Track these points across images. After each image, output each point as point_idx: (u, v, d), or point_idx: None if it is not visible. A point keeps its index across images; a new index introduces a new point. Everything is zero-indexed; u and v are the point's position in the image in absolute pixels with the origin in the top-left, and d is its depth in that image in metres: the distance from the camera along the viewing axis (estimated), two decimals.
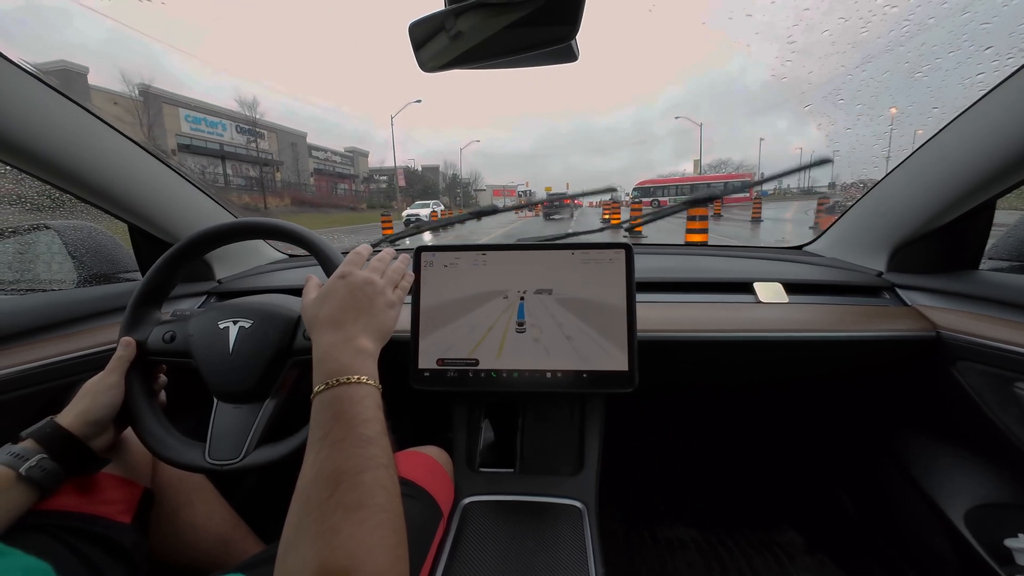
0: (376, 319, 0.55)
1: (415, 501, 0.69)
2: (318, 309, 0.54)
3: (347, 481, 0.39)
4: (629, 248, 0.77)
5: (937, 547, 0.86)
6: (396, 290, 0.61)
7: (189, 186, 1.01)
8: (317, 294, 0.56)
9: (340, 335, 0.51)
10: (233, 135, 31.38)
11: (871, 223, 1.05)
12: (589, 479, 0.83)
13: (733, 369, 1.06)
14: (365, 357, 0.51)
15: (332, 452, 0.41)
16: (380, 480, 0.41)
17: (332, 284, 0.56)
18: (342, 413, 0.44)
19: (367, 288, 0.56)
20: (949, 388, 0.83)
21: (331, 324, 0.52)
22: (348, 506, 0.38)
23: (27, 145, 0.73)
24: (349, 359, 0.49)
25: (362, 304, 0.54)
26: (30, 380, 0.73)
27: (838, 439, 1.23)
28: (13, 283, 1.06)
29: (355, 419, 0.44)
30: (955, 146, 0.81)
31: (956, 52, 0.89)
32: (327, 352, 0.49)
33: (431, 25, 0.50)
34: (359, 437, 0.43)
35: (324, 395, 0.46)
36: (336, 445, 0.42)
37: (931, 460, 0.91)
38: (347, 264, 0.58)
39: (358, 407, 0.45)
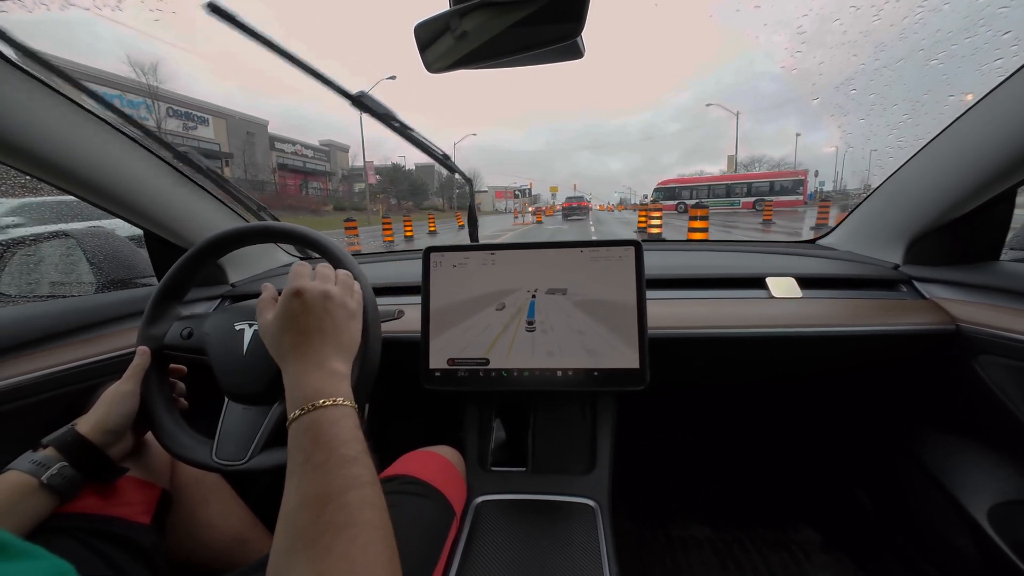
0: (342, 336, 0.54)
1: (428, 501, 0.70)
2: (280, 337, 0.52)
3: (334, 502, 0.39)
4: (639, 245, 0.77)
5: (959, 545, 0.84)
6: (353, 297, 0.59)
7: (202, 192, 1.03)
8: (274, 316, 0.53)
9: (310, 360, 0.49)
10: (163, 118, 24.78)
11: (886, 215, 1.02)
12: (602, 478, 0.83)
13: (746, 366, 1.04)
14: (338, 379, 0.49)
15: (315, 475, 0.41)
16: (367, 498, 0.41)
17: (289, 305, 0.52)
18: (320, 436, 0.43)
19: (327, 303, 0.53)
20: (970, 382, 0.81)
21: (297, 351, 0.50)
22: (338, 526, 0.37)
23: (47, 155, 0.74)
24: (322, 383, 0.48)
25: (325, 323, 0.52)
26: (52, 384, 0.75)
27: (854, 435, 1.21)
28: (35, 289, 1.08)
29: (334, 440, 0.43)
30: (973, 134, 0.79)
31: (973, 38, 0.86)
32: (299, 379, 0.48)
33: (436, 26, 0.50)
34: (341, 458, 0.42)
35: (301, 420, 0.45)
36: (319, 468, 0.41)
37: (952, 456, 0.89)
38: (296, 279, 0.54)
39: (336, 428, 0.44)
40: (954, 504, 0.84)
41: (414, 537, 0.64)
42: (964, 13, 0.88)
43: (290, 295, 0.52)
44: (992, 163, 0.77)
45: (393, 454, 0.80)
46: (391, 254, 1.37)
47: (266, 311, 0.56)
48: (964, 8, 0.88)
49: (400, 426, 1.27)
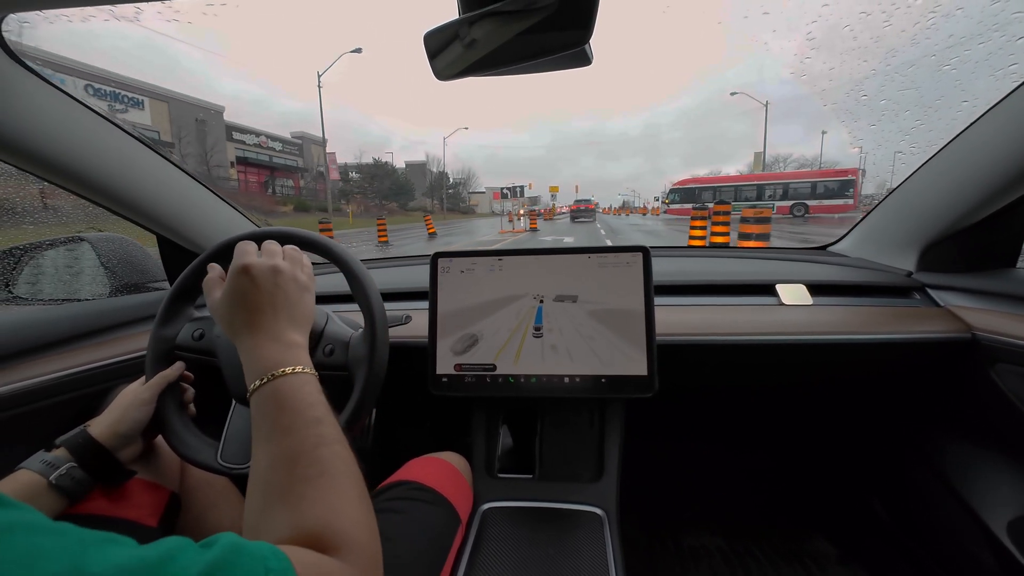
0: (296, 309, 0.52)
1: (434, 507, 0.69)
2: (232, 315, 0.50)
3: (304, 458, 0.39)
4: (646, 251, 0.76)
5: (979, 559, 0.82)
6: (303, 270, 0.57)
7: (214, 197, 1.04)
8: (223, 294, 0.52)
9: (265, 335, 0.48)
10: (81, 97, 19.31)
11: (899, 221, 1.01)
12: (609, 485, 0.82)
13: (756, 373, 1.03)
14: (296, 350, 0.49)
15: (284, 437, 0.41)
16: (337, 453, 0.41)
17: (236, 282, 0.50)
18: (285, 401, 0.43)
19: (277, 278, 0.52)
20: (987, 392, 0.79)
21: (250, 326, 0.49)
22: (309, 477, 0.38)
23: (64, 161, 0.76)
24: (280, 354, 0.47)
25: (276, 298, 0.51)
26: (67, 387, 0.76)
27: (869, 444, 1.18)
28: (51, 293, 1.10)
29: (300, 404, 0.43)
30: (988, 139, 0.78)
31: (986, 43, 0.86)
32: (256, 353, 0.47)
33: (445, 35, 0.50)
34: (307, 419, 0.42)
35: (263, 390, 0.44)
36: (287, 430, 0.41)
37: (970, 467, 0.87)
38: (242, 256, 0.52)
39: (300, 393, 0.44)
40: (973, 516, 0.82)
41: (419, 543, 0.63)
42: (977, 18, 0.88)
43: (237, 272, 0.51)
44: (1008, 168, 0.75)
45: (399, 460, 0.80)
46: (399, 259, 1.38)
47: (214, 290, 0.54)
48: (977, 13, 0.88)
49: (407, 432, 1.27)
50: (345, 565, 0.34)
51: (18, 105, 0.67)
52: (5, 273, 0.99)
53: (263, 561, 0.27)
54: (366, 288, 0.67)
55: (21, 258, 1.03)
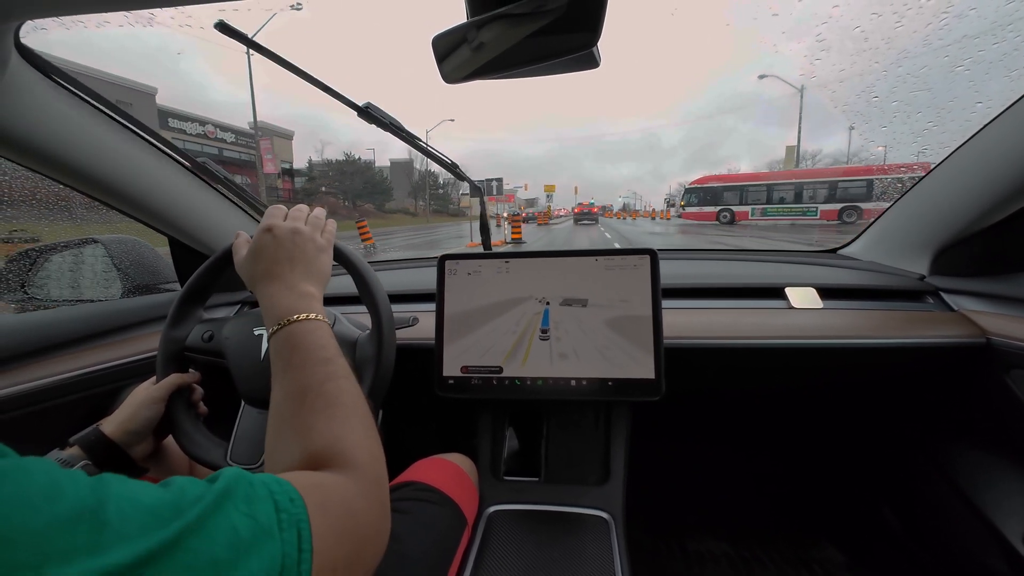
0: (312, 265, 0.56)
1: (440, 508, 0.70)
2: (253, 266, 0.55)
3: (312, 392, 0.42)
4: (654, 253, 0.76)
5: (993, 569, 0.80)
6: (323, 235, 0.62)
7: (225, 201, 1.05)
8: (248, 251, 0.57)
9: (282, 284, 0.52)
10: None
11: (911, 224, 1.00)
12: (616, 489, 0.82)
13: (765, 377, 1.02)
14: (310, 299, 0.52)
15: (296, 373, 0.44)
16: (343, 387, 0.44)
17: (260, 239, 0.56)
18: (298, 344, 0.46)
19: (296, 237, 0.56)
20: (1002, 398, 0.78)
21: (270, 277, 0.53)
22: (317, 408, 0.41)
23: (79, 164, 0.78)
24: (295, 302, 0.50)
25: (294, 254, 0.55)
26: (80, 386, 0.77)
27: (880, 450, 1.17)
28: (65, 294, 1.12)
29: (311, 346, 0.46)
30: (1003, 140, 0.77)
31: (1001, 43, 0.84)
32: (273, 300, 0.51)
33: (453, 38, 0.51)
34: (317, 359, 0.45)
35: (279, 335, 0.48)
36: (298, 368, 0.44)
37: (984, 474, 0.85)
38: (269, 218, 0.58)
39: (312, 337, 0.47)
40: (987, 525, 0.80)
41: (426, 544, 0.63)
42: (991, 18, 0.86)
43: (262, 231, 0.56)
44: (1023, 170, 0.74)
45: (406, 461, 0.80)
46: (406, 262, 1.39)
47: (241, 250, 0.59)
48: (991, 13, 0.86)
49: (413, 433, 1.27)
50: (346, 480, 0.36)
51: (35, 109, 0.69)
52: (22, 274, 1.00)
53: (266, 486, 0.29)
54: (373, 290, 0.68)
55: (37, 259, 1.05)
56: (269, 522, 0.27)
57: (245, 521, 0.26)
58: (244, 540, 0.25)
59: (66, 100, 0.73)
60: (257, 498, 0.28)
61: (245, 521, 0.26)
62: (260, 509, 0.27)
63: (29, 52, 0.65)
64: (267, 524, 0.27)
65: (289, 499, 0.29)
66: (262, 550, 0.25)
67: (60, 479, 0.23)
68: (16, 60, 0.64)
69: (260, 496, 0.28)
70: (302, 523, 0.28)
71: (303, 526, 0.28)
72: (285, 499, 0.29)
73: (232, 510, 0.26)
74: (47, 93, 0.70)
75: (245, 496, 0.27)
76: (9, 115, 0.66)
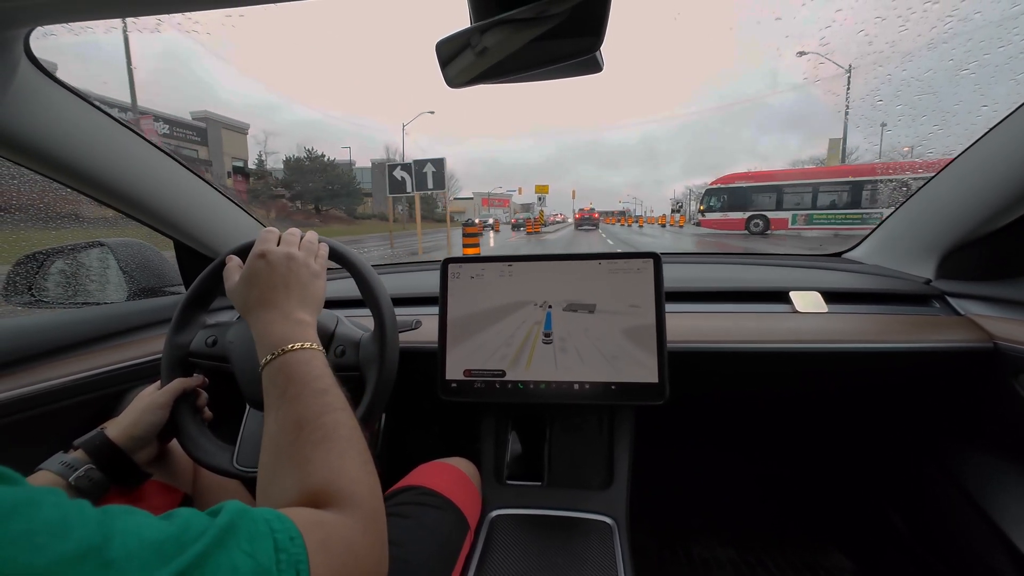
0: (306, 291, 0.55)
1: (443, 513, 0.69)
2: (247, 293, 0.54)
3: (309, 424, 0.42)
4: (657, 257, 0.76)
5: (1002, 574, 0.79)
6: (317, 260, 0.61)
7: (229, 204, 1.06)
8: (240, 277, 0.56)
9: (276, 312, 0.51)
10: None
11: (917, 228, 0.99)
12: (619, 493, 0.81)
13: (770, 381, 1.02)
14: (305, 327, 0.52)
15: (292, 405, 0.44)
16: (340, 420, 0.44)
17: (254, 265, 0.55)
18: (293, 374, 0.46)
19: (290, 263, 0.55)
20: (1010, 403, 0.77)
21: (264, 304, 0.52)
22: (315, 442, 0.41)
23: (86, 168, 0.78)
24: (290, 331, 0.50)
25: (289, 280, 0.54)
26: (85, 388, 0.78)
27: (887, 455, 1.16)
28: (71, 296, 1.13)
29: (307, 376, 0.46)
30: (1009, 143, 0.76)
31: (1007, 46, 0.84)
32: (267, 328, 0.50)
33: (457, 43, 0.51)
34: (314, 390, 0.45)
35: (273, 364, 0.47)
36: (294, 399, 0.44)
37: (992, 479, 0.84)
38: (261, 243, 0.57)
39: (307, 367, 0.47)
40: (996, 531, 0.79)
41: (429, 548, 0.63)
42: (997, 21, 0.86)
43: (255, 257, 0.55)
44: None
45: (408, 465, 0.80)
46: (409, 264, 1.39)
47: (233, 275, 0.58)
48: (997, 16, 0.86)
49: (416, 437, 1.27)
50: (346, 518, 0.36)
51: (44, 115, 0.69)
52: (29, 277, 1.01)
53: (267, 523, 0.29)
54: (376, 291, 0.68)
55: (44, 262, 1.05)
56: (268, 563, 0.27)
57: (246, 560, 0.26)
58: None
59: (74, 105, 0.73)
60: (258, 535, 0.28)
61: (246, 560, 0.26)
62: (260, 548, 0.27)
63: (38, 59, 0.66)
64: (267, 564, 0.27)
65: (289, 538, 0.29)
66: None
67: (68, 514, 0.23)
68: (25, 65, 0.64)
69: (261, 533, 0.28)
70: (301, 564, 0.29)
71: (302, 567, 0.29)
72: (285, 538, 0.29)
73: (234, 548, 0.26)
74: (56, 98, 0.71)
75: (247, 533, 0.27)
76: (19, 120, 0.67)
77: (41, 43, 0.65)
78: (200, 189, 0.99)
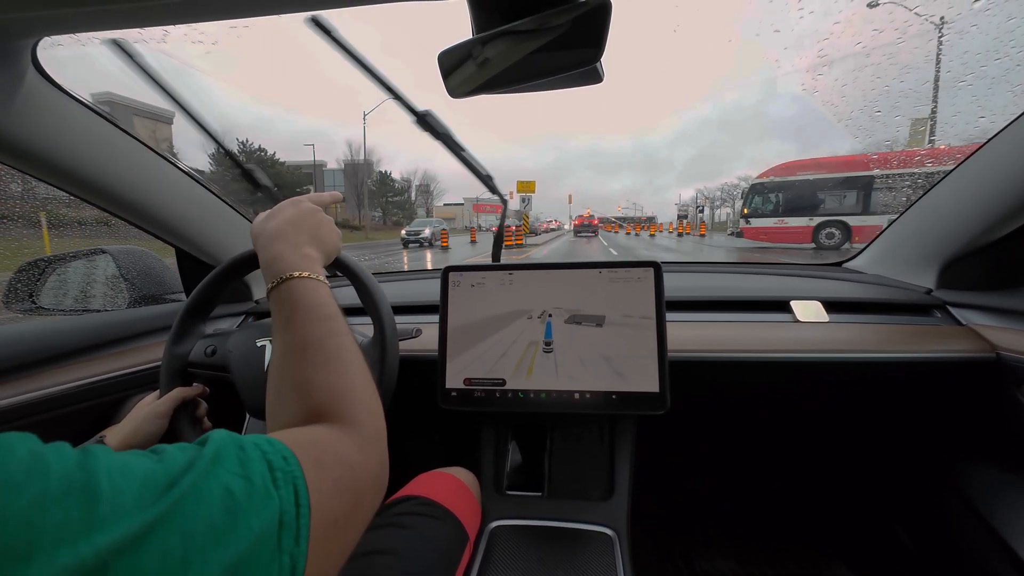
0: (321, 235, 0.57)
1: (442, 523, 0.69)
2: (264, 223, 0.55)
3: (312, 347, 0.42)
4: (658, 266, 0.76)
5: None
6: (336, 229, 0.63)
7: (233, 212, 1.07)
8: (267, 213, 0.58)
9: (287, 243, 0.52)
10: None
11: (918, 237, 0.99)
12: (620, 505, 0.80)
13: (771, 391, 1.01)
14: (312, 261, 0.52)
15: (297, 328, 0.44)
16: (343, 344, 0.44)
17: (282, 205, 0.57)
18: (300, 300, 0.46)
19: (316, 214, 0.58)
20: (1014, 413, 0.77)
21: (277, 235, 0.53)
22: (317, 364, 0.41)
23: (90, 176, 0.79)
24: (297, 260, 0.50)
25: (308, 222, 0.56)
26: (86, 395, 0.77)
27: (890, 467, 1.14)
28: (72, 304, 1.13)
29: (313, 303, 0.46)
30: (1009, 152, 0.77)
31: (1003, 59, 0.85)
32: (275, 256, 0.51)
33: (459, 54, 0.51)
34: (319, 315, 0.45)
35: (280, 289, 0.48)
36: (299, 323, 0.44)
37: (998, 492, 0.83)
38: (299, 198, 0.60)
39: (313, 294, 0.47)
40: (1002, 545, 0.78)
41: (427, 559, 0.62)
42: (993, 34, 0.87)
43: (288, 202, 0.58)
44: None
45: (408, 474, 0.79)
46: (410, 273, 1.39)
47: (260, 215, 0.59)
48: (993, 30, 0.87)
49: (415, 445, 1.26)
50: (342, 434, 0.36)
51: (50, 123, 0.70)
52: (30, 284, 1.01)
53: (257, 447, 0.29)
54: (376, 297, 0.68)
55: (45, 269, 1.06)
56: (264, 481, 0.27)
57: (239, 482, 0.25)
58: (240, 501, 0.25)
59: (79, 113, 0.74)
60: (249, 459, 0.27)
61: (239, 482, 0.25)
62: (253, 469, 0.27)
63: (44, 68, 0.67)
64: (261, 483, 0.26)
65: (282, 457, 0.29)
66: (259, 508, 0.25)
67: (45, 453, 0.21)
68: (32, 74, 0.65)
69: (252, 457, 0.27)
70: (298, 480, 0.28)
71: (299, 483, 0.28)
72: (278, 458, 0.29)
73: (224, 472, 0.25)
74: (61, 106, 0.71)
75: (237, 458, 0.27)
76: (25, 128, 0.67)
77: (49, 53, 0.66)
78: (203, 197, 0.99)
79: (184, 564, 0.21)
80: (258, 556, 0.24)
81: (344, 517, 0.31)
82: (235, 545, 0.23)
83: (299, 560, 0.26)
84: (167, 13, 0.53)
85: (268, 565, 0.24)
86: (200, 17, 0.54)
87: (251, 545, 0.24)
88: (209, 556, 0.22)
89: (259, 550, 0.24)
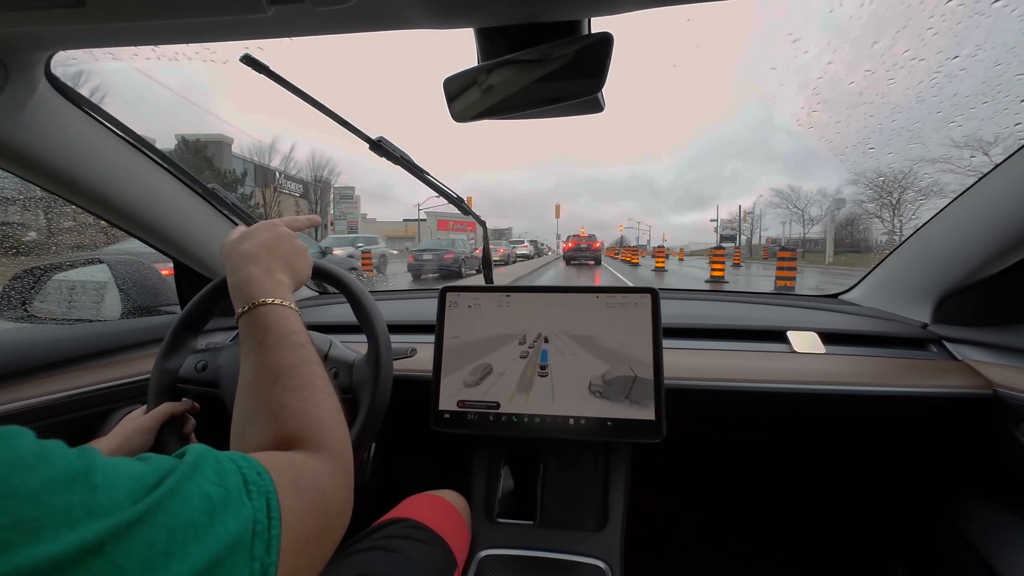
0: (294, 262, 0.57)
1: (429, 547, 0.67)
2: (237, 244, 0.55)
3: (286, 373, 0.43)
4: (655, 293, 0.76)
5: None
6: (307, 257, 0.62)
7: (230, 224, 1.07)
8: (240, 233, 0.57)
9: (258, 267, 0.52)
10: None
11: (913, 271, 1.00)
12: (614, 536, 0.78)
13: (767, 421, 1.00)
14: (284, 288, 0.52)
15: (269, 354, 0.44)
16: (316, 372, 0.45)
17: (256, 227, 0.57)
18: (272, 325, 0.46)
19: (292, 239, 0.58)
20: (1012, 452, 0.76)
21: (249, 258, 0.53)
22: (291, 389, 0.42)
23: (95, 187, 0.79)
24: (271, 287, 0.50)
25: (282, 247, 0.56)
26: (70, 407, 0.76)
27: (888, 501, 1.13)
28: (65, 313, 1.12)
29: (285, 329, 0.47)
30: (1005, 189, 0.78)
31: (991, 103, 0.88)
32: (247, 279, 0.50)
33: (464, 80, 0.53)
34: (292, 343, 0.46)
35: (251, 314, 0.47)
36: (272, 348, 0.45)
37: (997, 531, 0.82)
38: (275, 221, 0.59)
39: (286, 322, 0.47)
40: None
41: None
42: (981, 78, 0.90)
43: (263, 225, 0.58)
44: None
45: (397, 496, 0.77)
46: (406, 292, 1.39)
47: (234, 233, 0.59)
48: (981, 74, 0.90)
49: (406, 467, 1.23)
50: (316, 460, 0.37)
51: (60, 135, 0.71)
52: (24, 292, 1.01)
53: (233, 462, 0.30)
54: (371, 313, 0.68)
55: (41, 277, 1.05)
56: (238, 491, 0.28)
57: (216, 489, 0.27)
58: (217, 505, 0.26)
59: (88, 126, 0.75)
60: (225, 471, 0.29)
61: (216, 489, 0.27)
62: (229, 480, 0.29)
63: (57, 80, 0.68)
64: (236, 493, 0.28)
65: (256, 472, 0.30)
66: (234, 513, 0.27)
67: (48, 445, 0.24)
68: (44, 87, 0.66)
69: (228, 470, 0.29)
70: (271, 494, 0.30)
71: (271, 497, 0.30)
72: (252, 472, 0.30)
73: (203, 480, 0.27)
74: (73, 119, 0.72)
75: (214, 469, 0.29)
76: (35, 139, 0.68)
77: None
78: (204, 210, 1.00)
79: (167, 555, 0.23)
80: (232, 559, 0.26)
81: (316, 537, 0.33)
82: (212, 544, 0.25)
83: (270, 569, 0.27)
84: (176, 33, 0.55)
85: (241, 569, 0.26)
86: (213, 37, 0.56)
87: (226, 547, 0.25)
88: (189, 551, 0.24)
89: (233, 554, 0.26)
